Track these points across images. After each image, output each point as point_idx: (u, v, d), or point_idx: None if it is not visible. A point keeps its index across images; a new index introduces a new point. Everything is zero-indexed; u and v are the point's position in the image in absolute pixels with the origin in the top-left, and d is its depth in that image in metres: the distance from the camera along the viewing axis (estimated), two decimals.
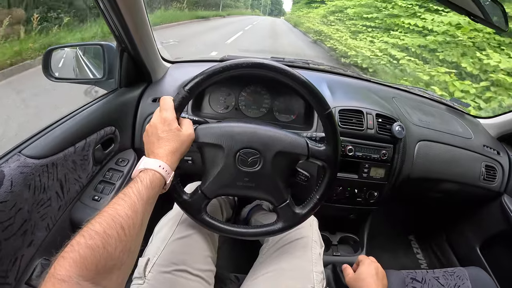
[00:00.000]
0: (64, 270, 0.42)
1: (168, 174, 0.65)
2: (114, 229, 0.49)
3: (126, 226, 0.50)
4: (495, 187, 1.38)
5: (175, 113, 0.73)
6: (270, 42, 13.69)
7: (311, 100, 0.77)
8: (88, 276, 0.44)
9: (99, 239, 0.46)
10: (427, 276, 1.09)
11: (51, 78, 1.15)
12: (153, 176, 0.62)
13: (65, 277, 0.42)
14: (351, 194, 1.27)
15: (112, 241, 0.48)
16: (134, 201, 0.54)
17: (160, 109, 0.73)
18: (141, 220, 0.55)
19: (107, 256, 0.46)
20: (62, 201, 0.92)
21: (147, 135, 0.72)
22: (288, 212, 0.82)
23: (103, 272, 0.46)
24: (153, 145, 0.69)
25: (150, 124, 0.72)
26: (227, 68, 0.73)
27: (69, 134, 0.93)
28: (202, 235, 0.91)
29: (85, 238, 0.46)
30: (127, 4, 0.95)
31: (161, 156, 0.66)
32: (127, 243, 0.50)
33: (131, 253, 0.52)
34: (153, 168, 0.63)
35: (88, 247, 0.45)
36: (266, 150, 0.77)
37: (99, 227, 0.48)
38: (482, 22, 0.79)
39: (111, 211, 0.51)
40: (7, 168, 0.75)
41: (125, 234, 0.50)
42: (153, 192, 0.60)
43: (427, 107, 1.51)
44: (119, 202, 0.53)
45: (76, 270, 0.43)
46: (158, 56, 1.28)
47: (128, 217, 0.51)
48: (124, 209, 0.52)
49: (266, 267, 0.90)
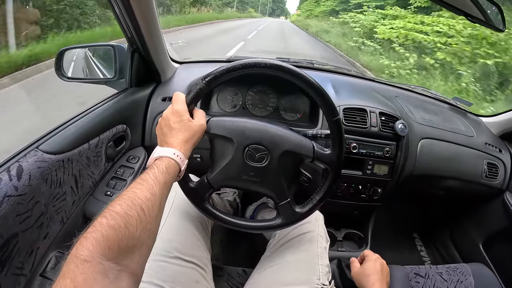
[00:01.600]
0: (87, 250, 0.42)
1: (182, 161, 0.67)
2: (135, 210, 0.50)
3: (146, 208, 0.52)
4: (497, 184, 1.39)
5: (191, 104, 0.76)
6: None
7: (322, 105, 0.79)
8: (110, 256, 0.44)
9: (121, 220, 0.47)
10: (431, 272, 1.11)
11: (63, 78, 1.18)
12: (168, 162, 0.64)
13: (88, 257, 0.42)
14: (356, 191, 1.29)
15: (133, 222, 0.49)
16: (151, 185, 0.56)
17: (172, 103, 0.75)
18: (159, 203, 0.56)
19: (129, 236, 0.47)
20: (76, 196, 0.95)
21: (159, 127, 0.74)
22: (288, 209, 0.84)
23: (125, 252, 0.47)
24: (166, 136, 0.71)
25: (163, 117, 0.74)
26: (247, 66, 0.76)
27: (84, 131, 0.96)
28: (194, 224, 0.93)
29: (107, 218, 0.47)
30: (140, 9, 0.99)
31: (175, 145, 0.68)
32: (147, 224, 0.51)
33: (151, 233, 0.53)
34: (167, 155, 0.65)
35: (110, 227, 0.46)
36: (274, 148, 0.80)
37: (120, 209, 0.49)
38: (480, 22, 0.80)
39: (130, 194, 0.53)
40: (25, 163, 0.78)
41: (145, 215, 0.51)
42: (169, 177, 0.62)
43: (429, 105, 1.53)
44: (137, 186, 0.55)
45: (99, 249, 0.43)
46: (167, 57, 1.32)
47: (147, 199, 0.53)
48: (142, 192, 0.53)
49: (272, 260, 0.92)
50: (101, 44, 1.38)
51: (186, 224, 0.92)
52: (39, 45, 5.12)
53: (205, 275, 0.87)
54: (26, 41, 5.15)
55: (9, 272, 0.73)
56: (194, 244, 0.90)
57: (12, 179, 0.74)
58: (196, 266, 0.85)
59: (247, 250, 1.60)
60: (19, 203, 0.74)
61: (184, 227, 0.91)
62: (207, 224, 1.00)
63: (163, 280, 0.77)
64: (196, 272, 0.84)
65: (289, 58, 1.57)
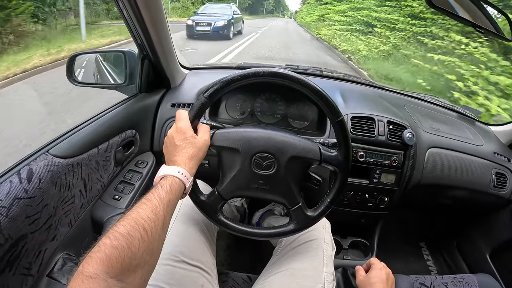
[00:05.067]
0: (92, 268, 0.45)
1: (187, 179, 0.69)
2: (137, 230, 0.52)
3: (148, 228, 0.54)
4: (505, 194, 1.37)
5: (194, 120, 0.77)
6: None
7: (324, 107, 0.79)
8: (113, 274, 0.47)
9: (124, 240, 0.49)
10: (436, 282, 1.10)
11: (75, 83, 1.19)
12: (173, 181, 0.65)
13: (93, 274, 0.45)
14: (362, 199, 1.29)
15: (136, 242, 0.51)
16: (155, 204, 0.58)
17: (176, 121, 0.76)
18: (163, 222, 0.58)
19: (131, 256, 0.49)
20: (84, 199, 0.96)
21: (165, 146, 0.76)
22: (300, 214, 0.84)
23: (127, 271, 0.49)
24: (171, 154, 0.72)
25: (168, 136, 0.76)
26: (245, 76, 0.76)
27: (93, 136, 0.98)
28: (200, 228, 0.95)
29: (110, 239, 0.49)
30: (151, 16, 1.00)
31: (179, 163, 0.70)
32: (149, 244, 0.53)
33: (153, 253, 0.55)
34: (172, 174, 0.67)
35: (113, 247, 0.48)
36: (280, 155, 0.80)
37: (123, 229, 0.51)
38: (488, 32, 0.80)
39: (134, 214, 0.54)
40: (36, 166, 0.80)
41: (148, 236, 0.53)
42: (173, 196, 0.63)
43: (438, 114, 1.52)
44: (141, 206, 0.57)
45: (102, 268, 0.46)
46: (177, 63, 1.33)
47: (150, 219, 0.55)
48: (146, 212, 0.55)
49: (278, 267, 0.92)
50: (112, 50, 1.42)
51: (192, 229, 0.93)
52: None
53: (211, 280, 0.87)
54: None
55: (17, 272, 0.74)
56: (199, 249, 0.91)
57: (23, 182, 0.76)
58: (201, 270, 0.86)
59: (253, 256, 1.60)
60: (29, 205, 0.76)
61: (190, 232, 0.93)
62: (213, 229, 1.01)
63: (169, 284, 0.78)
64: (202, 277, 0.85)
65: (298, 66, 1.57)
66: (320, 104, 0.79)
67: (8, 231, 0.70)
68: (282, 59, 8.90)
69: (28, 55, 5.56)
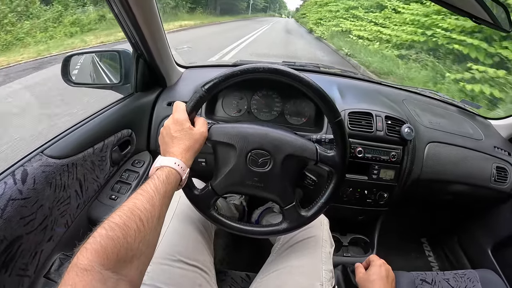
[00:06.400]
0: (87, 260, 0.44)
1: (183, 171, 0.68)
2: (133, 221, 0.51)
3: (145, 219, 0.53)
4: (506, 188, 1.36)
5: (192, 112, 0.76)
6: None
7: (323, 107, 0.79)
8: (109, 265, 0.45)
9: (120, 231, 0.48)
10: (437, 278, 1.09)
11: (70, 83, 1.18)
12: (169, 172, 0.65)
13: (88, 266, 0.43)
14: (361, 195, 1.28)
15: (132, 233, 0.49)
16: (151, 195, 0.57)
17: (173, 112, 0.76)
18: (159, 213, 0.57)
19: (127, 247, 0.48)
20: (80, 200, 0.96)
21: (162, 137, 0.75)
22: (294, 213, 0.83)
23: (123, 262, 0.48)
24: (167, 145, 0.72)
25: (164, 126, 0.75)
26: (245, 71, 0.76)
27: (88, 136, 0.98)
28: (197, 227, 0.94)
29: (106, 229, 0.48)
30: (143, 14, 0.99)
31: (176, 154, 0.69)
32: (146, 235, 0.52)
33: (149, 244, 0.54)
34: (168, 165, 0.66)
35: (109, 238, 0.47)
36: (276, 152, 0.79)
37: (119, 220, 0.50)
38: (486, 23, 0.79)
39: (130, 205, 0.53)
40: (30, 167, 0.80)
41: (144, 226, 0.52)
42: (169, 187, 0.63)
43: (437, 108, 1.51)
44: (137, 196, 0.56)
45: (98, 259, 0.44)
46: (172, 62, 1.33)
47: (146, 210, 0.54)
48: (142, 203, 0.54)
49: (276, 265, 0.92)
50: (107, 50, 1.40)
51: (189, 228, 0.93)
52: None
53: (208, 279, 0.87)
54: None
55: (13, 272, 0.74)
56: (197, 248, 0.90)
57: (17, 183, 0.76)
58: (199, 269, 0.85)
59: (251, 254, 1.60)
60: (24, 206, 0.76)
61: (187, 231, 0.92)
62: (210, 228, 1.01)
63: (166, 284, 0.77)
64: (199, 276, 0.84)
65: (295, 62, 1.56)
66: (319, 103, 0.79)
67: (2, 232, 0.71)
68: (279, 56, 8.93)
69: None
